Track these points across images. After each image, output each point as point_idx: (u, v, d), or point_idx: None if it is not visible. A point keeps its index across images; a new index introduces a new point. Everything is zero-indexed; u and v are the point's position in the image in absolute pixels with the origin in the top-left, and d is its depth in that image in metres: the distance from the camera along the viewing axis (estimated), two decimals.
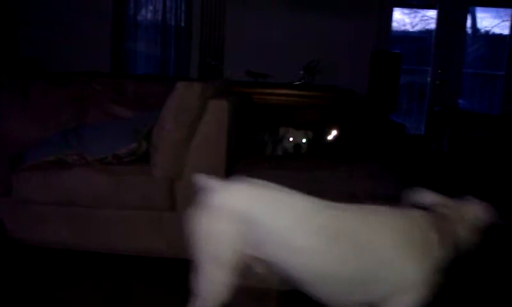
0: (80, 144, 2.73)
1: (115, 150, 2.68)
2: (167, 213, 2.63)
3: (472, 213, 1.66)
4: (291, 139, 3.49)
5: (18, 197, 2.67)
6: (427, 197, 1.66)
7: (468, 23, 6.63)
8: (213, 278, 1.67)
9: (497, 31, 7.06)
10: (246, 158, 3.05)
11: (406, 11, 7.44)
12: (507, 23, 6.53)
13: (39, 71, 5.38)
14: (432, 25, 6.70)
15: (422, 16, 7.50)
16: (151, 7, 6.41)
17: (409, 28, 7.57)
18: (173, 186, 2.61)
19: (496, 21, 7.07)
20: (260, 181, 1.72)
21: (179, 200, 2.62)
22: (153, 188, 2.61)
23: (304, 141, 3.50)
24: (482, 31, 7.20)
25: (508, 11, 6.48)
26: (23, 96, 3.40)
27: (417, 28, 7.56)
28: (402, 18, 7.44)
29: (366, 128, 4.69)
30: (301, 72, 5.13)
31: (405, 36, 7.37)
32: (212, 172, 2.57)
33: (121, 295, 2.41)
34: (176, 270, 2.65)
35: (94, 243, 2.71)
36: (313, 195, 2.35)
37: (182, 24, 6.22)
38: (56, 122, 3.26)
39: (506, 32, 6.57)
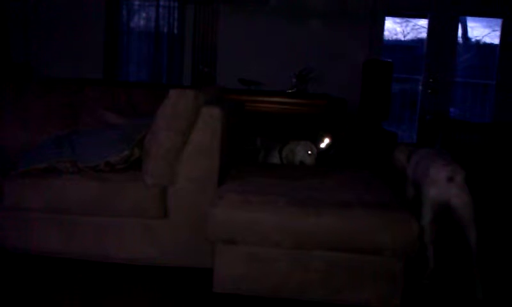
0: (73, 151, 2.71)
1: (107, 158, 2.67)
2: (159, 220, 2.62)
3: None
4: (310, 152, 3.51)
5: (9, 204, 2.64)
6: None
7: (459, 32, 6.70)
8: None
9: (488, 40, 7.14)
10: (240, 166, 3.05)
11: (398, 20, 7.51)
12: (498, 33, 6.60)
13: (31, 77, 5.36)
14: (423, 34, 6.76)
15: (414, 25, 7.58)
16: (144, 15, 6.42)
17: (400, 37, 7.63)
18: (165, 193, 2.60)
19: (487, 31, 7.15)
20: None
21: (171, 208, 2.61)
22: (146, 196, 2.60)
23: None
24: (473, 40, 7.28)
25: (498, 21, 6.55)
26: (14, 102, 3.38)
27: (409, 37, 7.63)
28: (393, 27, 7.50)
29: (358, 136, 4.71)
30: (294, 80, 5.15)
31: (397, 44, 7.43)
32: (205, 179, 2.59)
33: (112, 304, 2.40)
34: (168, 279, 2.64)
35: (85, 251, 2.69)
36: (306, 202, 2.37)
37: (175, 31, 6.23)
38: (48, 128, 3.25)
39: (496, 41, 6.64)
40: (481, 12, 6.63)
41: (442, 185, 2.52)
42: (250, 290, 2.40)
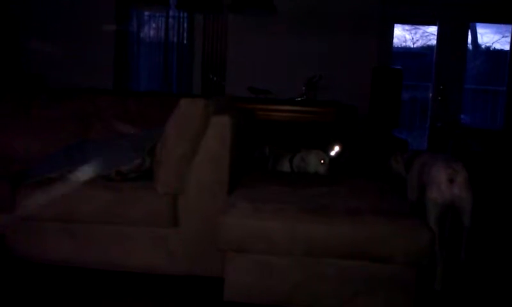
0: (84, 160, 2.73)
1: (118, 167, 2.68)
2: (170, 229, 2.62)
3: None
4: (322, 161, 3.51)
5: (20, 213, 2.66)
6: None
7: (469, 39, 6.67)
8: None
9: (498, 46, 7.11)
10: (250, 174, 3.05)
11: (407, 27, 7.50)
12: (508, 39, 6.57)
13: (42, 87, 5.41)
14: (433, 41, 6.74)
15: (423, 32, 7.56)
16: (154, 25, 6.47)
17: (410, 44, 7.62)
18: (176, 202, 2.61)
19: (497, 37, 7.13)
20: None
21: (182, 216, 2.62)
22: (156, 205, 2.60)
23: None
24: (483, 46, 7.25)
25: (508, 27, 6.53)
26: (25, 112, 3.41)
27: (418, 44, 7.62)
28: (403, 35, 7.50)
29: (369, 143, 4.70)
30: (303, 88, 5.15)
31: (406, 52, 7.42)
32: (215, 188, 2.60)
33: None
34: (179, 287, 2.64)
35: (96, 260, 2.69)
36: (317, 210, 2.36)
37: (185, 41, 6.27)
38: (58, 139, 3.27)
39: (507, 47, 6.61)
40: (491, 18, 6.60)
41: (443, 186, 2.61)
42: (261, 298, 2.39)
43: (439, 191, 2.61)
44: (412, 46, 7.61)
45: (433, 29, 6.74)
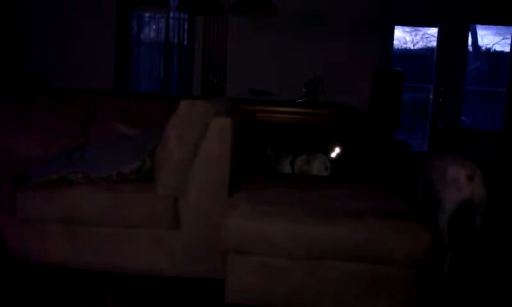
0: (85, 162, 2.73)
1: (119, 168, 2.68)
2: (171, 231, 2.62)
3: None
4: (325, 166, 3.53)
5: (21, 215, 2.66)
6: None
7: (469, 40, 6.67)
8: None
9: (498, 48, 7.12)
10: (251, 175, 3.04)
11: (407, 29, 7.50)
12: (508, 41, 6.57)
13: (43, 88, 5.41)
14: (433, 43, 6.74)
15: (423, 34, 7.56)
16: (154, 27, 6.47)
17: (410, 46, 7.62)
18: (176, 204, 2.60)
19: (497, 38, 7.13)
20: None
21: (183, 218, 2.61)
22: (157, 206, 2.60)
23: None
24: (484, 48, 7.25)
25: (509, 28, 6.53)
26: (25, 114, 3.41)
27: (418, 46, 7.62)
28: (403, 36, 7.49)
29: (369, 145, 4.69)
30: (304, 90, 5.14)
31: (407, 53, 7.41)
32: (216, 189, 2.59)
33: None
34: (180, 289, 2.63)
35: (96, 262, 2.69)
36: (318, 212, 2.35)
37: (185, 43, 6.26)
38: (59, 140, 3.27)
39: (507, 49, 6.62)
40: (491, 20, 6.60)
41: (462, 184, 2.64)
42: (263, 301, 2.38)
43: (459, 189, 2.64)
44: (412, 48, 7.61)
45: (433, 31, 6.74)
